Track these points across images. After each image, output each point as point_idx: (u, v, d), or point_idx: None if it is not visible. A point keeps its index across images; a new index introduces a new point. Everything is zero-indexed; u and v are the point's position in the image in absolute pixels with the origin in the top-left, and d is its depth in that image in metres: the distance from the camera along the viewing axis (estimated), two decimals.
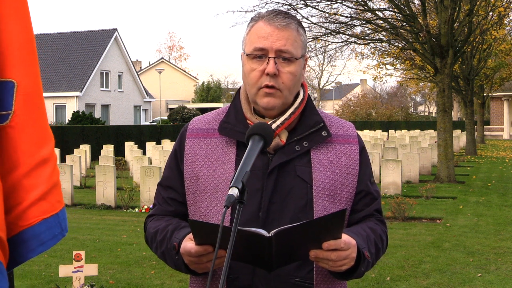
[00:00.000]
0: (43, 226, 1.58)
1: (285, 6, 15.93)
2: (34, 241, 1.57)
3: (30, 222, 1.56)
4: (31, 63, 1.61)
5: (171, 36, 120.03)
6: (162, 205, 1.96)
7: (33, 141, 1.59)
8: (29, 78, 1.60)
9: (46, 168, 1.60)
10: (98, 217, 11.05)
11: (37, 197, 1.57)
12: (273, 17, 1.79)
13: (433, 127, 40.83)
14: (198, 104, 55.35)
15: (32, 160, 1.58)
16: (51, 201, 1.60)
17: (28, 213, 1.56)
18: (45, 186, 1.58)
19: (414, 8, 18.24)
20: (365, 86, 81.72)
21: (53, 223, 1.60)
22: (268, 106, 1.80)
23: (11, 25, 1.58)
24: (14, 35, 1.59)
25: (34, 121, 1.60)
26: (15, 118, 1.57)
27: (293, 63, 1.79)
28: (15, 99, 1.57)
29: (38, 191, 1.57)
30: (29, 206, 1.56)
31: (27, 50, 1.61)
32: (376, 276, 6.68)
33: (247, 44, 1.82)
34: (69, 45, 43.26)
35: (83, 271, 5.29)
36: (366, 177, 1.91)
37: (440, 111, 15.97)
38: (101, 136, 26.96)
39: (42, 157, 1.59)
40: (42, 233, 1.58)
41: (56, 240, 1.61)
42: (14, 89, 1.57)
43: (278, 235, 1.56)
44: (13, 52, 1.58)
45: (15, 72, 1.58)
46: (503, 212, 11.11)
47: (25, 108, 1.58)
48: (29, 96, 1.59)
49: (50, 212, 1.59)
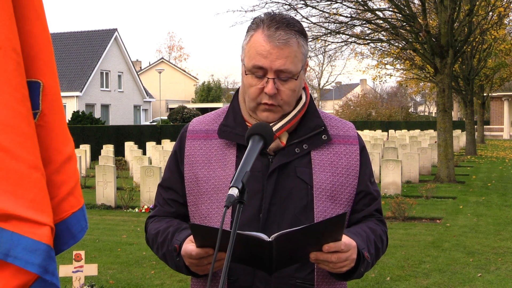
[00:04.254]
0: (73, 219, 1.67)
1: (285, 6, 15.94)
2: (66, 234, 1.66)
3: (62, 216, 1.65)
4: (52, 63, 1.67)
5: (171, 36, 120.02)
6: (163, 206, 1.96)
7: (59, 139, 1.66)
8: (52, 79, 1.66)
9: (71, 164, 1.68)
10: (98, 217, 11.05)
11: (67, 192, 1.66)
12: (274, 32, 1.73)
13: (433, 127, 40.84)
14: (198, 104, 55.35)
15: (60, 157, 1.66)
16: (77, 196, 1.69)
17: (61, 207, 1.64)
18: (72, 182, 1.67)
19: (414, 8, 18.23)
20: (365, 86, 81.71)
21: (80, 216, 1.69)
22: (267, 120, 1.80)
23: (35, 26, 1.64)
24: (37, 36, 1.64)
25: (58, 120, 1.67)
26: (43, 117, 1.63)
27: (293, 79, 1.77)
28: (41, 98, 1.63)
29: (68, 186, 1.66)
30: (61, 201, 1.65)
31: (49, 51, 1.67)
32: (376, 276, 6.68)
33: (246, 57, 1.79)
34: (69, 45, 43.27)
35: (83, 271, 5.29)
36: (366, 177, 1.91)
37: (440, 111, 15.98)
38: (101, 136, 26.97)
39: (68, 154, 1.67)
40: (73, 226, 1.67)
41: (83, 233, 1.69)
42: (40, 89, 1.63)
43: (279, 239, 1.56)
44: (38, 52, 1.64)
45: (40, 72, 1.64)
46: (503, 212, 11.11)
47: (51, 108, 1.65)
48: (53, 96, 1.66)
49: (77, 206, 1.69)
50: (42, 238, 1.51)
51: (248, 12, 27.44)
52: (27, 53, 1.61)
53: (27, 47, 1.62)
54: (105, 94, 43.86)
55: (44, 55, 1.65)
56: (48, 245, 1.52)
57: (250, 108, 1.83)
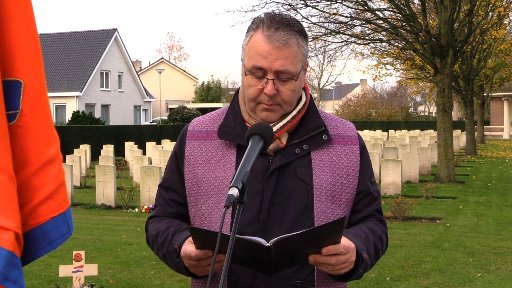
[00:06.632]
0: (51, 224, 1.59)
1: (285, 6, 15.94)
2: (43, 240, 1.59)
3: (39, 221, 1.57)
4: (36, 63, 1.62)
5: (171, 36, 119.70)
6: (163, 207, 1.96)
7: (40, 141, 1.60)
8: (35, 78, 1.60)
9: (53, 167, 1.61)
10: (98, 217, 11.05)
11: (45, 196, 1.58)
12: (273, 33, 1.72)
13: (433, 127, 40.81)
14: (198, 104, 55.36)
15: (40, 159, 1.59)
16: (58, 200, 1.61)
17: (37, 212, 1.57)
18: (52, 185, 1.60)
19: (414, 8, 18.24)
20: (365, 86, 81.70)
21: (61, 221, 1.61)
22: (267, 120, 1.79)
23: (17, 25, 1.59)
24: (20, 35, 1.59)
25: (41, 120, 1.61)
26: (22, 118, 1.57)
27: (293, 80, 1.76)
28: (22, 98, 1.58)
29: (46, 190, 1.58)
30: (38, 205, 1.57)
31: (33, 50, 1.62)
32: (376, 276, 6.68)
33: (246, 57, 1.78)
34: (69, 45, 43.26)
35: (83, 271, 5.29)
36: (367, 178, 1.91)
37: (440, 111, 15.98)
38: (101, 136, 26.96)
39: (49, 157, 1.60)
40: (51, 231, 1.59)
41: (63, 239, 1.63)
42: (21, 89, 1.58)
43: (278, 244, 1.56)
44: (20, 51, 1.59)
45: (22, 71, 1.58)
46: (503, 212, 11.11)
47: (32, 108, 1.59)
48: (36, 95, 1.60)
49: (57, 211, 1.61)
50: (4, 243, 1.43)
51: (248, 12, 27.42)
52: (6, 52, 1.56)
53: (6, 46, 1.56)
54: (105, 94, 43.85)
55: (27, 54, 1.59)
56: (10, 251, 1.44)
57: (250, 108, 1.83)
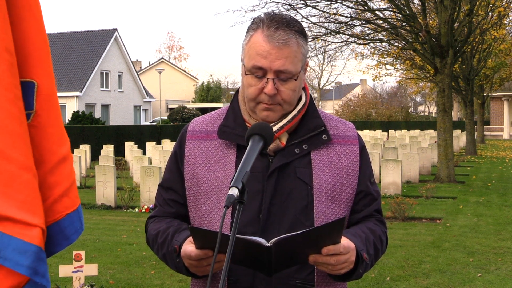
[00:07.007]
0: (67, 221, 1.65)
1: (285, 6, 15.94)
2: (59, 236, 1.64)
3: (55, 218, 1.63)
4: (47, 63, 1.66)
5: (171, 36, 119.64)
6: (163, 207, 1.96)
7: (53, 140, 1.65)
8: (46, 79, 1.65)
9: (66, 165, 1.66)
10: (98, 217, 11.04)
11: (60, 193, 1.64)
12: (273, 32, 1.73)
13: (433, 127, 40.82)
14: (198, 104, 55.36)
15: (53, 158, 1.64)
16: (72, 197, 1.67)
17: (53, 208, 1.63)
18: (66, 183, 1.65)
19: (414, 8, 18.24)
20: (365, 86, 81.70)
21: (75, 218, 1.67)
22: (267, 119, 1.79)
23: (29, 26, 1.62)
24: (32, 36, 1.63)
25: (53, 120, 1.65)
26: (36, 118, 1.62)
27: (292, 80, 1.76)
28: (35, 99, 1.62)
29: (61, 188, 1.64)
30: (54, 202, 1.63)
31: (44, 51, 1.65)
32: (376, 276, 6.68)
33: (246, 57, 1.78)
34: (69, 45, 43.26)
35: (83, 271, 5.29)
36: (366, 178, 1.91)
37: (440, 111, 15.98)
38: (101, 136, 26.96)
39: (62, 155, 1.66)
40: (67, 228, 1.65)
41: (77, 235, 1.68)
42: (35, 89, 1.62)
43: (278, 244, 1.56)
44: (32, 53, 1.62)
45: (35, 72, 1.62)
46: (503, 212, 11.11)
47: (45, 108, 1.63)
48: (48, 96, 1.64)
49: (72, 208, 1.67)
50: (33, 239, 1.50)
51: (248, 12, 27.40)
52: (21, 53, 1.60)
53: (21, 47, 1.60)
54: (105, 94, 43.85)
55: (39, 55, 1.63)
56: (39, 246, 1.51)
57: (250, 108, 1.83)
